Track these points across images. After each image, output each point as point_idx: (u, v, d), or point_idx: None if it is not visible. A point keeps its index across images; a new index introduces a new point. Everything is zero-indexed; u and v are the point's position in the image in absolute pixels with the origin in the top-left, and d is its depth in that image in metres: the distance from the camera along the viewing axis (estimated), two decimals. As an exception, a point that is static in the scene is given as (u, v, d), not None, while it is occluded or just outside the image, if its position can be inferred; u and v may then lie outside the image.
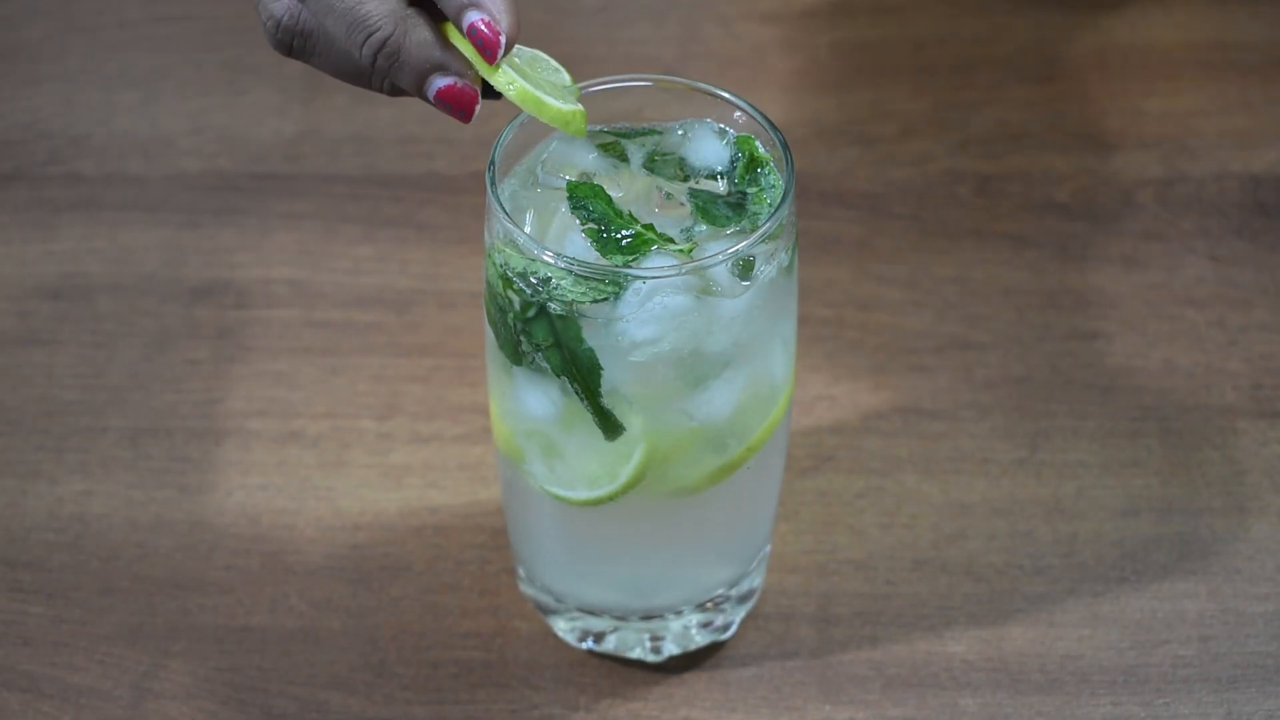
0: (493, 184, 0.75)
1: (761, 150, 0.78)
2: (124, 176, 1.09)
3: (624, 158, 0.78)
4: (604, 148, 0.78)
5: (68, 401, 0.97)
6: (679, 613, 0.86)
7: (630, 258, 0.74)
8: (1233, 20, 1.17)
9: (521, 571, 0.87)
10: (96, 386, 0.98)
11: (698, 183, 0.77)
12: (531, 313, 0.74)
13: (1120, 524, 0.92)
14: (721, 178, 0.78)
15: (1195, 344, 0.99)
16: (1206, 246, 1.04)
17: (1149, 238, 1.05)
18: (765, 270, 0.75)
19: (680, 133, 0.79)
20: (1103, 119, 1.12)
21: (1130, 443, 0.95)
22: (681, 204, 0.77)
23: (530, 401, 0.78)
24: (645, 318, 0.73)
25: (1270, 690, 0.85)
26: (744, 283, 0.75)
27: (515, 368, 0.77)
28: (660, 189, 0.77)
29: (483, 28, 0.72)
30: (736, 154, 0.78)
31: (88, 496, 0.93)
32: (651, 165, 0.78)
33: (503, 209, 0.75)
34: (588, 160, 0.78)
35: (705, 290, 0.74)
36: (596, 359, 0.74)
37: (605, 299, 0.73)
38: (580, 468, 0.78)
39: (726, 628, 0.87)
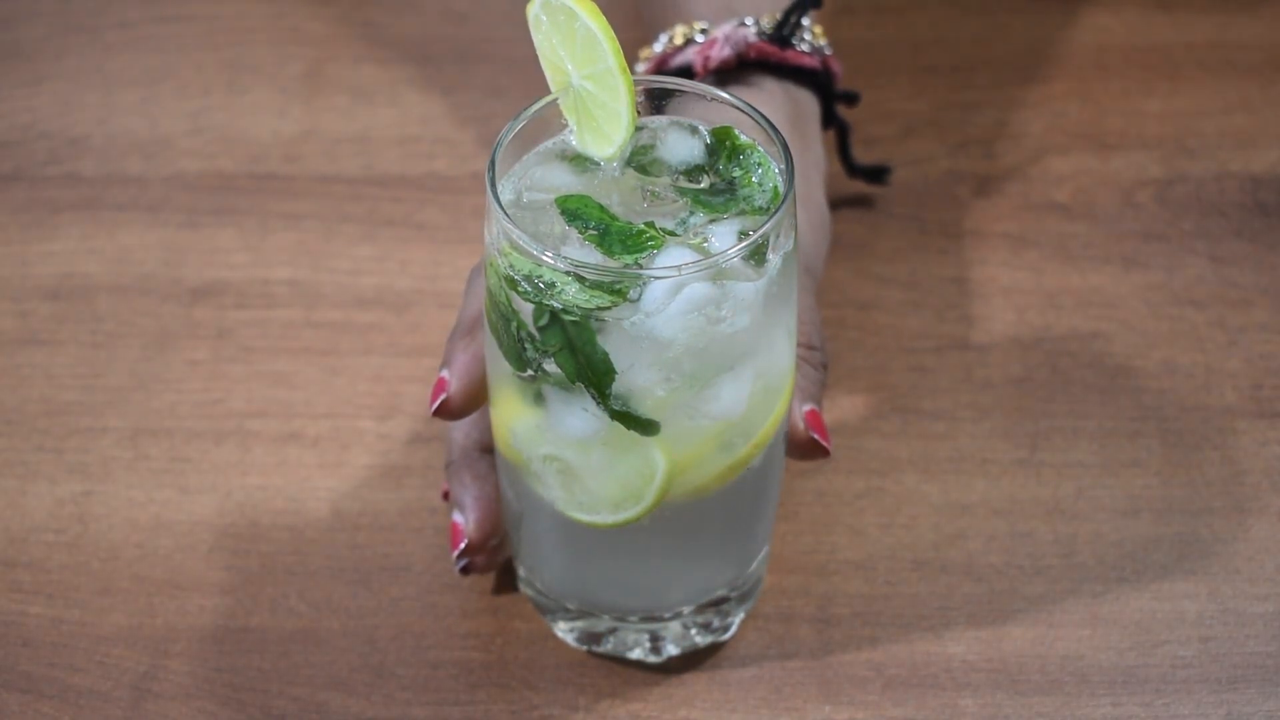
0: (493, 185, 0.75)
1: (743, 138, 0.78)
2: (124, 176, 1.09)
3: (597, 164, 0.78)
4: (575, 160, 0.78)
5: (68, 401, 0.97)
6: (679, 613, 0.86)
7: (642, 255, 0.74)
8: (1233, 20, 1.17)
9: (522, 571, 0.87)
10: (96, 386, 0.98)
11: (678, 181, 0.77)
12: (544, 320, 0.74)
13: (1120, 524, 0.92)
14: (704, 172, 0.78)
15: (1195, 344, 0.99)
16: (1206, 246, 1.04)
17: (1149, 238, 1.05)
18: (777, 252, 0.75)
19: (652, 134, 0.79)
20: (1103, 119, 1.12)
21: (1130, 443, 0.95)
22: (673, 200, 0.77)
23: (550, 424, 0.78)
24: (671, 313, 0.73)
25: (1270, 690, 0.85)
26: (760, 265, 0.75)
27: (538, 396, 0.77)
28: (645, 188, 0.77)
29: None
30: (715, 145, 0.78)
31: (88, 496, 0.93)
32: (632, 166, 0.78)
33: (503, 210, 0.75)
34: (566, 177, 0.78)
35: (726, 276, 0.74)
36: (611, 363, 0.74)
37: (624, 300, 0.73)
38: (602, 492, 0.78)
39: (726, 628, 0.87)
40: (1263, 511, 0.92)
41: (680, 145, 0.78)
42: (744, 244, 0.74)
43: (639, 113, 0.78)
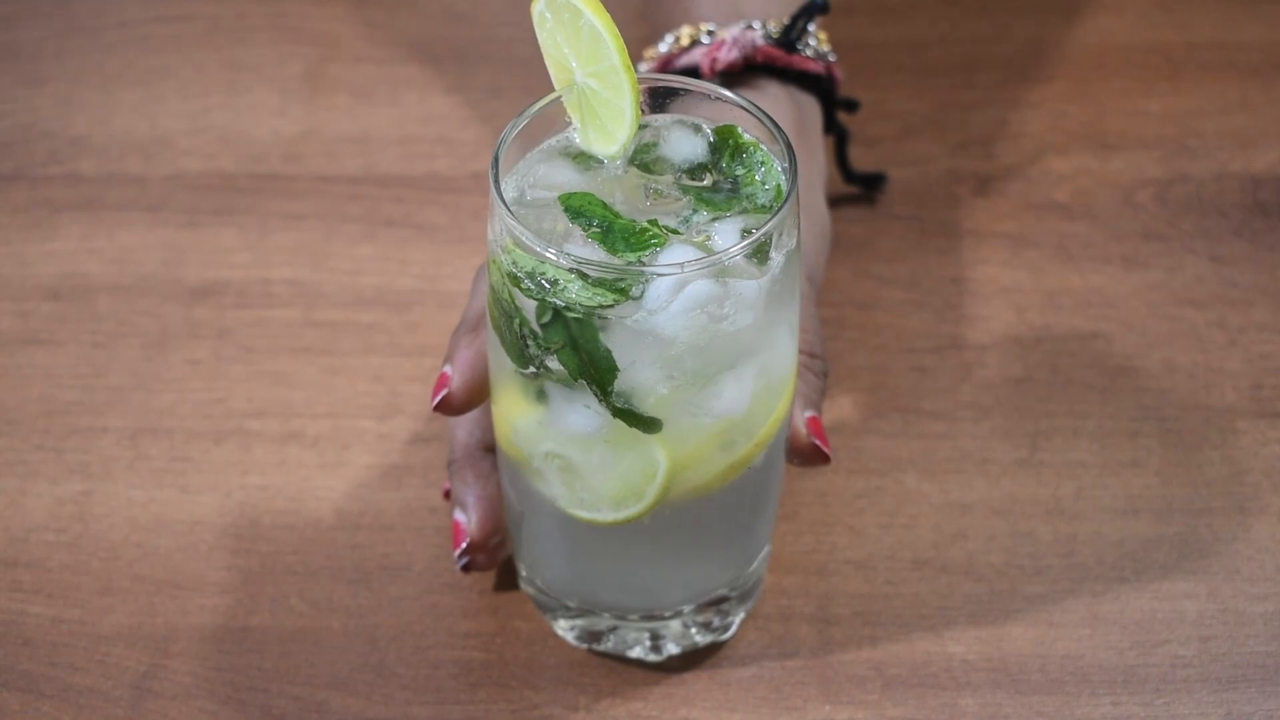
0: (496, 182, 0.75)
1: (746, 136, 0.78)
2: (124, 176, 1.09)
3: (600, 162, 0.78)
4: (578, 158, 0.78)
5: (68, 401, 0.97)
6: (679, 612, 0.86)
7: (645, 253, 0.74)
8: (1233, 20, 1.17)
9: (522, 570, 0.87)
10: (96, 386, 0.98)
11: (680, 179, 0.77)
12: (547, 317, 0.74)
13: (1120, 524, 0.92)
14: (708, 170, 0.78)
15: (1195, 344, 0.99)
16: (1206, 246, 1.04)
17: (1149, 238, 1.05)
18: (779, 250, 0.75)
19: (655, 133, 0.79)
20: (1103, 119, 1.12)
21: (1130, 443, 0.95)
22: (676, 198, 0.77)
23: (552, 421, 0.78)
24: (674, 310, 0.73)
25: (1270, 690, 0.85)
26: (763, 264, 0.75)
27: (540, 393, 0.77)
28: (648, 186, 0.77)
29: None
30: (718, 144, 0.78)
31: (88, 496, 0.93)
32: (635, 164, 0.78)
33: (507, 207, 0.75)
34: (569, 174, 0.78)
35: (729, 274, 0.74)
36: (613, 360, 0.74)
37: (627, 298, 0.73)
38: (603, 489, 0.78)
39: (727, 627, 0.87)
40: (1263, 511, 0.92)
41: (683, 143, 0.78)
42: (747, 242, 0.74)
43: (643, 111, 0.78)
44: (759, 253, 0.74)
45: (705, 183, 0.77)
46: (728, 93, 0.79)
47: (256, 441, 0.96)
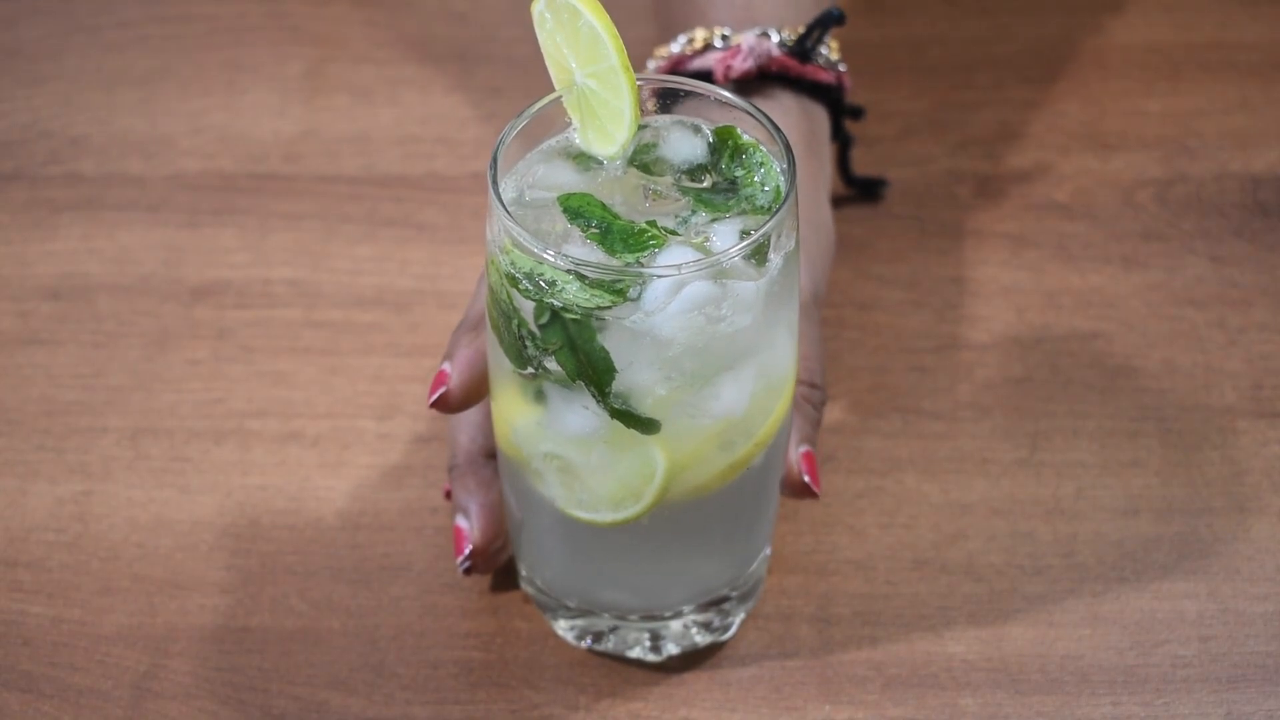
0: (494, 183, 0.75)
1: (745, 137, 0.78)
2: (124, 176, 1.09)
3: (600, 163, 0.78)
4: (578, 158, 0.78)
5: (68, 401, 0.97)
6: (680, 612, 0.86)
7: (644, 254, 0.74)
8: (1233, 20, 1.17)
9: (522, 570, 0.87)
10: (96, 386, 0.98)
11: (680, 180, 0.77)
12: (544, 318, 0.74)
13: (1120, 524, 0.92)
14: (707, 171, 0.78)
15: (1195, 344, 0.99)
16: (1206, 246, 1.04)
17: (1149, 238, 1.05)
18: (778, 251, 0.75)
19: (655, 133, 0.79)
20: (1103, 119, 1.12)
21: (1130, 443, 0.95)
22: (675, 198, 0.77)
23: (551, 422, 0.78)
24: (672, 312, 0.73)
25: (1270, 690, 0.85)
26: (761, 265, 0.75)
27: (539, 393, 0.77)
28: (647, 187, 0.77)
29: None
30: (718, 145, 0.78)
31: (88, 496, 0.93)
32: (634, 164, 0.78)
33: (505, 208, 0.75)
34: (568, 175, 0.78)
35: (727, 275, 0.74)
36: (611, 361, 0.74)
37: (624, 299, 0.73)
38: (601, 490, 0.79)
39: (727, 627, 0.87)
40: (1263, 511, 0.92)
41: (683, 144, 0.78)
42: (745, 243, 0.74)
43: (644, 111, 0.78)
44: (757, 254, 0.74)
45: (704, 184, 0.77)
46: (729, 95, 0.79)
47: (256, 441, 0.96)
